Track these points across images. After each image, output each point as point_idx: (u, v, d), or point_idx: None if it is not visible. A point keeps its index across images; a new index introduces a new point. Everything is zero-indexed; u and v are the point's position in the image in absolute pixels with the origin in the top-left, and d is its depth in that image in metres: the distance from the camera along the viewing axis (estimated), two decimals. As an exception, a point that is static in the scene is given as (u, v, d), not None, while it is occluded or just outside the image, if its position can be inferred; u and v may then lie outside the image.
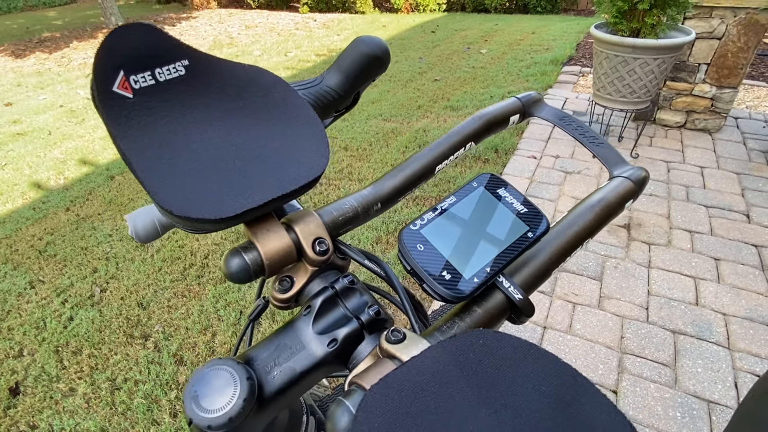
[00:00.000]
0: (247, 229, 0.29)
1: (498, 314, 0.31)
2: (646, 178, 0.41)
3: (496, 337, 0.22)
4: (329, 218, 0.33)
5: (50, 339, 1.62)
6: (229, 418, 0.22)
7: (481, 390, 0.20)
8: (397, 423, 0.18)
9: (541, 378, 0.20)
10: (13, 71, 5.30)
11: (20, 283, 1.91)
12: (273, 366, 0.27)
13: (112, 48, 0.25)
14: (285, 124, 0.30)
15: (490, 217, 0.32)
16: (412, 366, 0.20)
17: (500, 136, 2.76)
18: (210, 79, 0.28)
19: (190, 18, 7.96)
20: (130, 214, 0.43)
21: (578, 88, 3.45)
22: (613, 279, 1.68)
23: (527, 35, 5.27)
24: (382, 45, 0.44)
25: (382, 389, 0.19)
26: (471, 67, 4.26)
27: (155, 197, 0.24)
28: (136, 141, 0.25)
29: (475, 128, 0.43)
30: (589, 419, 0.19)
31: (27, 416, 1.36)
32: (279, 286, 0.31)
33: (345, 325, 0.29)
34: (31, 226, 2.31)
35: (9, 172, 2.89)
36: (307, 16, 7.75)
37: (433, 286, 0.28)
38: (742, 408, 0.30)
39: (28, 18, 9.30)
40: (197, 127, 0.27)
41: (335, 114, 0.48)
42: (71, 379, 1.47)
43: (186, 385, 0.24)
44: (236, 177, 0.27)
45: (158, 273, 1.91)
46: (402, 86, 3.90)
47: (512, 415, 0.19)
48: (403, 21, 6.74)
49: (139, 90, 0.26)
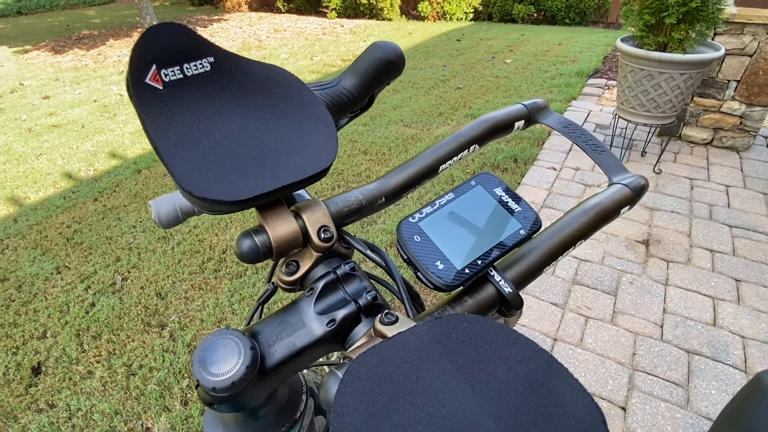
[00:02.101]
0: (259, 213, 0.32)
1: (488, 306, 0.33)
2: (645, 186, 0.41)
3: (479, 321, 0.23)
4: (335, 209, 0.35)
5: (72, 323, 1.68)
6: (232, 382, 0.25)
7: (459, 366, 0.21)
8: (379, 388, 0.20)
9: (518, 360, 0.22)
10: (52, 66, 5.53)
11: (48, 268, 1.99)
12: (275, 340, 0.29)
13: (146, 44, 0.28)
14: (298, 120, 0.33)
15: (485, 214, 0.33)
16: (397, 340, 0.22)
17: (520, 146, 2.75)
18: (232, 76, 0.31)
19: (222, 20, 8.17)
20: (154, 200, 0.46)
21: (603, 101, 3.41)
22: (628, 295, 1.65)
23: (553, 46, 5.23)
24: (398, 50, 0.46)
25: (367, 358, 0.21)
26: (495, 76, 4.26)
27: (177, 179, 0.27)
28: (163, 128, 0.28)
29: (480, 131, 0.45)
30: (560, 399, 0.20)
31: (47, 395, 1.42)
32: (285, 269, 0.33)
33: (343, 307, 0.31)
34: (61, 214, 2.40)
35: (43, 161, 3.02)
36: (334, 21, 7.87)
37: (426, 275, 0.30)
38: (728, 409, 0.31)
39: (69, 16, 9.70)
40: (219, 118, 0.30)
41: (351, 114, 0.50)
42: (90, 362, 1.52)
43: (195, 351, 0.26)
44: (251, 165, 0.29)
45: (177, 265, 1.96)
46: (424, 93, 3.92)
47: (487, 389, 0.20)
48: (429, 29, 6.78)
49: (168, 83, 0.28)
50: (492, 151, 2.73)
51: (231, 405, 0.27)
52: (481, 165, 2.59)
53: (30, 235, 2.23)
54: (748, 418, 0.29)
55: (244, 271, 1.90)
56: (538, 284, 1.72)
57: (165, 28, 0.28)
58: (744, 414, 0.29)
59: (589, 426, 0.19)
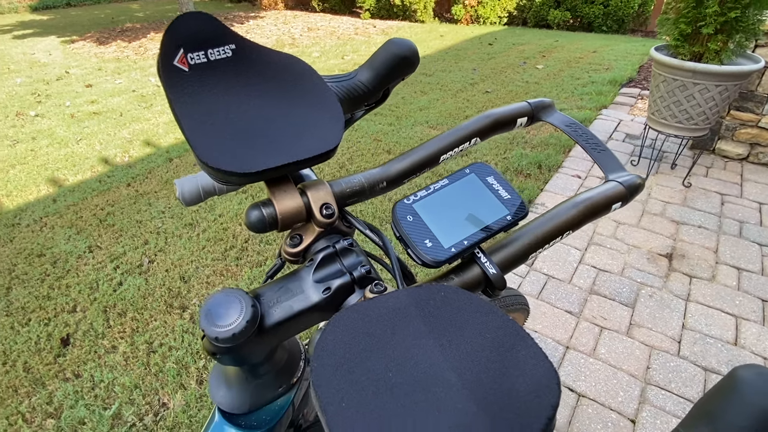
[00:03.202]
0: (268, 188, 0.34)
1: (473, 285, 0.34)
2: (639, 185, 0.42)
3: (456, 292, 0.25)
4: (338, 189, 0.38)
5: (100, 299, 1.77)
6: (233, 334, 0.27)
7: (433, 328, 0.23)
8: (356, 338, 0.22)
9: (488, 328, 0.24)
10: (96, 56, 5.78)
11: (81, 246, 2.09)
12: (275, 303, 0.32)
13: (176, 30, 0.31)
14: (309, 105, 0.35)
15: (475, 200, 0.35)
16: (378, 301, 0.24)
17: (545, 153, 2.72)
18: (252, 62, 0.34)
19: (258, 18, 8.36)
20: (179, 179, 0.49)
21: (635, 111, 3.34)
22: (646, 308, 1.62)
23: (588, 54, 5.14)
24: (412, 47, 0.48)
25: (349, 313, 0.23)
26: (525, 81, 4.22)
27: (196, 151, 0.30)
28: (187, 106, 0.31)
29: (482, 126, 0.47)
30: (521, 362, 0.22)
31: (73, 365, 1.50)
32: (290, 241, 0.36)
33: (339, 278, 0.34)
34: (96, 196, 2.52)
35: (83, 146, 3.17)
36: (367, 21, 7.94)
37: (415, 251, 0.32)
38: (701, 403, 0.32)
39: (114, 9, 10.11)
40: (237, 100, 0.33)
41: (366, 106, 0.53)
42: (114, 338, 1.60)
43: (203, 305, 0.29)
44: (263, 142, 0.32)
45: (201, 251, 2.03)
46: (452, 96, 3.92)
47: (454, 349, 0.22)
48: (462, 32, 6.76)
49: (194, 65, 0.32)
50: (516, 157, 2.71)
51: (232, 357, 0.30)
52: (504, 169, 2.58)
53: (67, 215, 2.35)
54: (719, 411, 0.30)
55: (264, 261, 1.95)
56: (553, 291, 1.71)
57: (193, 17, 0.32)
58: (716, 407, 0.30)
59: (544, 386, 0.21)
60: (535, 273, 1.81)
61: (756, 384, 0.30)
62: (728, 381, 0.31)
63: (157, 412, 1.34)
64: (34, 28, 8.05)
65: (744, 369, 0.31)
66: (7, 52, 6.24)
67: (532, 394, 0.20)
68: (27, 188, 2.63)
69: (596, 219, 0.41)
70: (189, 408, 1.34)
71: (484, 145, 2.89)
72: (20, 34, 7.48)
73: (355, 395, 0.20)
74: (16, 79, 4.87)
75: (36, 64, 5.52)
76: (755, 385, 0.30)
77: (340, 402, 0.20)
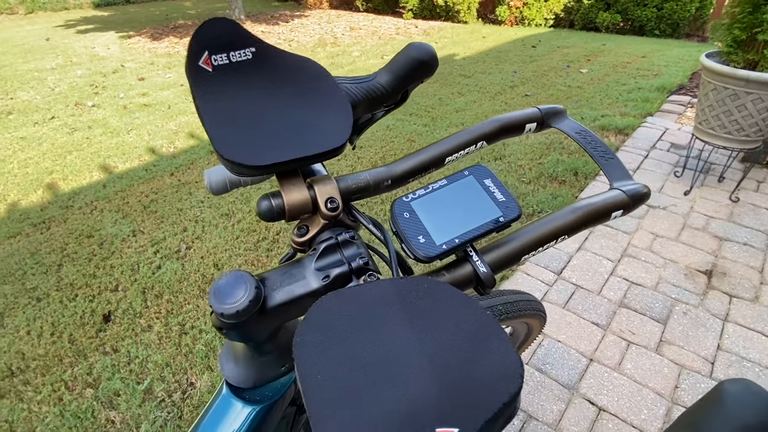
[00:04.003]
0: (278, 180, 0.37)
1: (463, 282, 0.36)
2: (644, 194, 0.42)
3: (438, 285, 0.27)
4: (344, 185, 0.40)
5: (140, 281, 1.88)
6: (237, 311, 0.30)
7: (412, 317, 0.25)
8: (338, 319, 0.24)
9: (465, 320, 0.25)
10: (149, 51, 6.09)
11: (126, 230, 2.23)
12: (278, 286, 0.34)
13: (202, 34, 0.34)
14: (320, 106, 0.38)
15: (470, 201, 0.37)
16: (363, 288, 0.26)
17: (583, 159, 2.65)
18: (270, 64, 0.37)
19: (302, 16, 8.54)
20: (208, 170, 0.53)
21: (683, 120, 3.19)
22: (679, 325, 1.56)
23: (636, 58, 4.94)
24: (431, 51, 0.49)
25: (335, 297, 0.25)
26: (567, 85, 4.11)
27: (214, 143, 0.33)
28: (209, 102, 0.34)
29: (489, 130, 0.47)
30: (491, 353, 0.23)
31: (112, 341, 1.61)
32: (297, 231, 0.39)
33: (338, 267, 0.36)
34: (142, 184, 2.67)
35: (132, 136, 3.36)
36: (409, 22, 7.95)
37: (409, 246, 0.34)
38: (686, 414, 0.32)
39: (169, 6, 10.60)
40: (254, 98, 0.36)
41: (385, 107, 0.55)
42: (150, 318, 1.70)
43: (213, 283, 0.32)
44: (274, 138, 0.35)
45: (235, 241, 2.12)
46: (490, 98, 3.87)
47: (429, 337, 0.24)
48: (505, 33, 6.66)
49: (217, 66, 0.35)
50: (551, 162, 2.66)
51: (237, 333, 0.33)
52: (538, 175, 2.53)
53: (114, 200, 2.50)
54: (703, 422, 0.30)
55: (292, 255, 2.01)
56: (581, 302, 1.67)
57: (218, 22, 0.35)
58: (700, 419, 0.30)
59: (507, 376, 0.22)
60: (563, 282, 1.77)
61: (741, 398, 0.30)
62: (715, 393, 0.31)
63: (185, 391, 1.42)
64: (95, 24, 8.56)
65: (731, 383, 0.31)
66: (70, 45, 6.67)
67: (493, 382, 0.22)
68: (81, 173, 2.81)
69: (595, 226, 0.41)
70: (214, 389, 1.41)
71: (517, 149, 2.85)
72: (83, 29, 7.98)
73: (331, 369, 0.22)
74: (77, 71, 5.21)
75: (95, 57, 5.88)
76: (741, 398, 0.30)
77: (317, 374, 0.22)
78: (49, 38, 7.28)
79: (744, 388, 0.30)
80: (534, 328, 0.89)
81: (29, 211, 2.43)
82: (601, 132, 3.05)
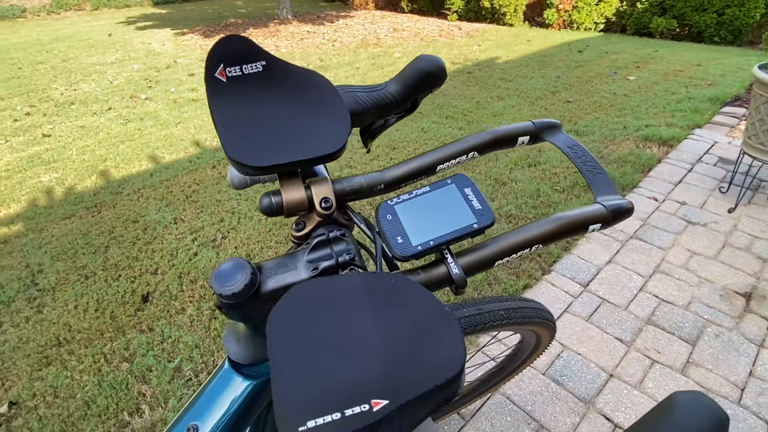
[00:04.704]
0: (279, 180, 0.41)
1: (437, 282, 0.38)
2: (626, 210, 0.43)
3: (404, 281, 0.30)
4: (339, 186, 0.44)
5: (178, 266, 2.00)
6: (233, 293, 0.34)
7: (374, 304, 0.28)
8: (309, 302, 0.28)
9: (422, 311, 0.28)
10: (200, 48, 6.38)
11: (168, 217, 2.36)
12: (273, 274, 0.39)
13: (218, 49, 0.38)
14: (321, 114, 0.41)
15: (449, 207, 0.39)
16: (334, 279, 0.30)
17: (621, 170, 2.57)
18: (278, 76, 0.41)
19: (348, 17, 8.67)
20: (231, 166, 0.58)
21: (735, 133, 3.02)
22: (709, 347, 1.50)
23: (690, 66, 4.71)
24: (439, 63, 0.52)
25: (309, 285, 0.29)
26: (612, 93, 3.98)
27: (223, 145, 0.37)
28: (222, 109, 0.39)
29: (481, 141, 0.50)
30: (439, 342, 0.26)
31: (148, 320, 1.72)
32: (295, 227, 0.43)
33: (326, 260, 0.40)
34: (185, 174, 2.82)
35: (180, 129, 3.54)
36: (453, 23, 7.91)
37: (388, 245, 0.37)
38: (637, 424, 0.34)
39: (222, 5, 11.05)
40: (262, 106, 0.40)
41: (396, 114, 0.58)
42: (184, 301, 1.80)
43: (215, 268, 0.36)
44: (276, 142, 0.39)
45: (267, 233, 2.21)
46: (529, 103, 3.81)
47: (386, 321, 0.27)
48: (551, 37, 6.50)
49: (230, 77, 0.39)
50: (588, 172, 2.59)
51: (234, 312, 0.37)
52: (572, 184, 2.48)
53: (159, 189, 2.66)
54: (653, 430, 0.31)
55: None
56: (606, 316, 1.63)
57: (234, 39, 0.39)
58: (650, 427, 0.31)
59: (449, 362, 0.25)
60: (589, 295, 1.74)
61: (691, 408, 0.31)
62: (666, 403, 0.33)
63: (210, 372, 1.50)
64: (153, 21, 9.05)
65: (683, 394, 0.33)
66: (129, 41, 7.10)
67: (434, 366, 0.25)
68: (131, 162, 3.01)
69: (571, 237, 0.42)
70: (237, 372, 1.49)
71: (554, 156, 2.80)
72: (142, 26, 8.46)
73: (295, 343, 0.26)
74: (134, 65, 5.54)
75: (151, 53, 6.22)
76: (690, 409, 0.31)
77: (282, 346, 0.25)
78: (111, 34, 7.77)
79: (694, 399, 0.31)
80: (543, 337, 0.89)
81: (83, 195, 2.63)
82: (643, 143, 2.94)
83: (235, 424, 0.42)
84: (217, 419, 0.41)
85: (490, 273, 1.85)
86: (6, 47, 6.77)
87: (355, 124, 0.51)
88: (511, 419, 1.31)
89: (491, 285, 1.80)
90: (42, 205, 2.54)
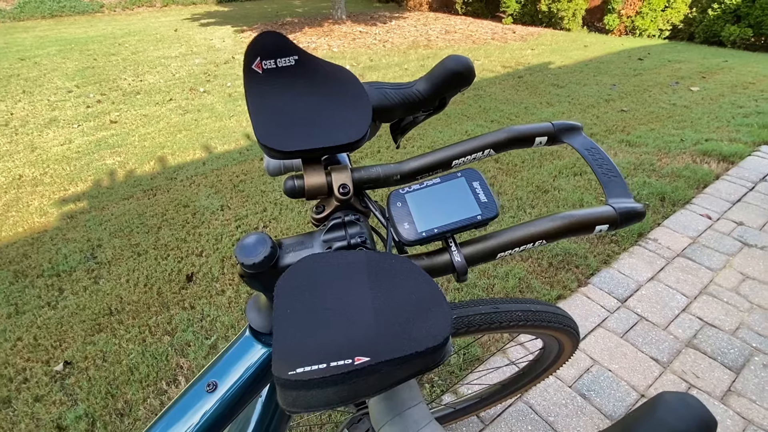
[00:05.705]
0: (303, 165, 0.45)
1: (440, 268, 0.40)
2: (638, 214, 0.42)
3: (404, 261, 0.32)
4: (357, 175, 0.47)
5: (221, 250, 2.11)
6: (254, 263, 0.38)
7: (373, 280, 0.31)
8: (312, 274, 0.31)
9: (417, 290, 0.30)
10: (258, 45, 6.64)
11: (216, 204, 2.50)
12: (291, 250, 0.42)
13: (256, 44, 0.42)
14: (345, 106, 0.44)
15: (457, 199, 0.41)
16: (338, 254, 0.33)
17: (673, 185, 2.44)
18: (309, 70, 0.44)
19: (401, 18, 8.73)
20: None
21: (808, 152, 2.79)
22: (754, 377, 1.41)
23: (762, 79, 4.39)
24: (468, 64, 0.54)
25: (314, 258, 0.32)
26: (671, 103, 3.78)
27: (255, 130, 0.41)
28: (257, 98, 0.42)
29: (498, 139, 0.50)
30: (428, 318, 0.28)
31: (190, 299, 1.83)
32: (315, 210, 0.46)
33: (340, 242, 0.42)
34: (235, 165, 2.96)
35: (233, 122, 3.72)
36: (507, 27, 7.77)
37: (395, 230, 0.39)
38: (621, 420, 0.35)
39: (280, 3, 11.43)
40: (293, 97, 0.43)
41: (424, 112, 0.60)
42: (225, 283, 1.90)
43: (240, 240, 0.40)
44: (301, 130, 0.42)
45: (306, 225, 2.28)
46: (581, 111, 3.69)
47: (381, 296, 0.30)
48: (610, 43, 6.25)
49: (266, 70, 0.43)
50: (637, 184, 2.49)
51: (255, 282, 0.41)
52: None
53: (210, 177, 2.81)
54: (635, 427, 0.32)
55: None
56: (642, 334, 1.57)
57: (270, 35, 0.43)
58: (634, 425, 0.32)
59: (432, 335, 0.27)
60: (626, 311, 1.68)
61: (676, 408, 0.32)
62: (652, 401, 0.34)
63: (242, 352, 1.58)
64: (216, 18, 9.51)
65: (669, 394, 0.33)
66: (193, 37, 7.50)
67: (419, 336, 0.27)
68: (186, 151, 3.19)
69: (576, 236, 0.43)
70: (267, 355, 1.56)
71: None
72: (205, 23, 8.91)
73: (298, 308, 0.29)
74: (195, 60, 5.85)
75: (212, 48, 6.55)
76: (675, 408, 0.32)
77: (286, 309, 0.29)
78: (177, 29, 8.24)
79: (680, 400, 0.31)
80: (565, 345, 0.88)
81: (142, 178, 2.82)
82: (700, 157, 2.78)
83: (250, 386, 0.46)
84: (234, 380, 0.45)
85: (523, 280, 1.82)
86: (85, 40, 7.35)
87: (384, 120, 0.54)
88: (532, 428, 1.29)
89: (523, 292, 1.78)
90: (105, 186, 2.75)
